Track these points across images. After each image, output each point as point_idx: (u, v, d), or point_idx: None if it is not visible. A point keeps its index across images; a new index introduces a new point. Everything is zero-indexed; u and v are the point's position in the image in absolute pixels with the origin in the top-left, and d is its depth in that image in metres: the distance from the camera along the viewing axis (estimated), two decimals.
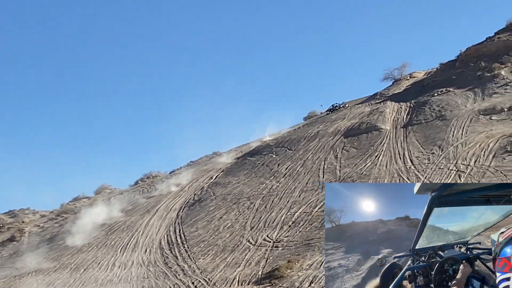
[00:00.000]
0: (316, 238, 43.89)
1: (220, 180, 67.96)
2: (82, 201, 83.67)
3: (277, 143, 72.71)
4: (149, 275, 48.60)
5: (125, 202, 73.96)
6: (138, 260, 52.32)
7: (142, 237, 57.89)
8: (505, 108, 56.49)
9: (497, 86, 63.55)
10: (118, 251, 55.94)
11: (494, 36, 75.38)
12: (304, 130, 75.52)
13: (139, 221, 62.74)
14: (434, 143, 54.68)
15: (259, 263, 43.67)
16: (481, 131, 53.25)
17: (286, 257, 42.65)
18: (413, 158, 53.22)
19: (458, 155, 49.99)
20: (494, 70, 67.07)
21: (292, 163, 63.48)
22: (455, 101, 63.36)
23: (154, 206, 66.51)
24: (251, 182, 62.68)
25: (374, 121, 66.42)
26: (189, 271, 46.71)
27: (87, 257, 56.66)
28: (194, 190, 67.86)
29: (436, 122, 59.80)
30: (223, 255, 47.45)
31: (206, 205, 60.79)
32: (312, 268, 39.71)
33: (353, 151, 60.86)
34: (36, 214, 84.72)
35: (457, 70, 73.32)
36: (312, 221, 47.49)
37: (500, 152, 47.66)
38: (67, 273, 54.06)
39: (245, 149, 79.87)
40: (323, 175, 57.03)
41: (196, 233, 54.19)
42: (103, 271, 52.23)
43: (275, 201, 54.80)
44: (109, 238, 60.56)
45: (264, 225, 50.47)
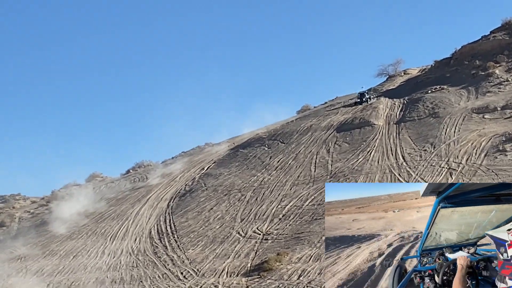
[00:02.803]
0: (306, 232, 43.98)
1: (212, 171, 67.90)
2: (73, 188, 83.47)
3: (269, 136, 72.64)
4: (138, 264, 48.62)
5: (116, 191, 73.87)
6: (128, 249, 52.32)
7: (132, 226, 57.84)
8: (498, 107, 56.60)
9: (491, 85, 63.66)
10: (107, 239, 55.89)
11: (490, 35, 75.42)
12: (297, 123, 75.46)
13: (130, 210, 62.67)
14: (426, 140, 54.77)
15: (249, 255, 43.76)
16: (473, 130, 53.36)
17: (275, 250, 42.75)
18: (405, 154, 53.31)
19: (450, 153, 50.10)
20: (489, 69, 67.15)
21: (284, 156, 63.49)
22: (448, 98, 63.44)
23: (145, 196, 66.42)
24: (243, 174, 62.67)
25: (367, 116, 66.46)
26: (178, 261, 46.75)
27: (76, 244, 56.60)
28: (186, 180, 67.79)
29: (429, 119, 59.88)
30: (213, 246, 47.50)
31: (197, 196, 60.77)
32: (301, 261, 39.83)
33: (345, 146, 60.90)
34: (27, 200, 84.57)
35: (452, 68, 73.34)
36: (302, 215, 47.56)
37: (492, 151, 47.79)
38: (56, 259, 54.02)
39: (238, 140, 79.76)
40: (314, 169, 57.06)
41: (186, 224, 54.20)
42: (92, 258, 52.23)
43: (266, 193, 54.83)
44: (99, 226, 60.49)
45: (255, 217, 50.52)
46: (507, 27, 73.93)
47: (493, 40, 73.39)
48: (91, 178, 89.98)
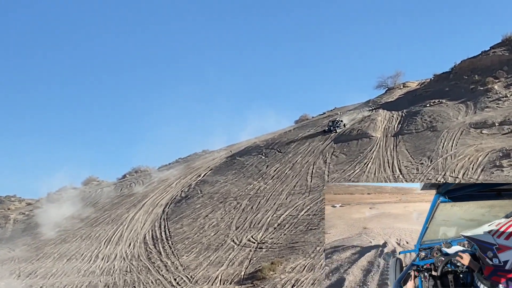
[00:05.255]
0: (300, 242, 43.91)
1: (208, 178, 67.89)
2: (69, 191, 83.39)
3: (267, 145, 72.71)
4: (131, 269, 48.52)
5: (112, 195, 73.81)
6: (122, 254, 52.23)
7: (127, 231, 57.76)
8: (496, 123, 56.64)
9: (490, 101, 63.76)
10: (102, 243, 55.80)
11: (489, 50, 75.62)
12: (295, 133, 75.58)
13: (125, 215, 62.61)
14: (423, 154, 54.80)
15: (242, 263, 43.68)
16: (471, 144, 53.39)
17: (269, 259, 42.66)
18: (402, 167, 53.32)
19: (447, 167, 50.11)
20: (488, 84, 67.27)
21: (281, 166, 63.51)
22: (447, 113, 63.52)
23: (141, 201, 66.39)
24: (239, 182, 62.65)
25: (365, 128, 66.54)
26: (172, 267, 46.66)
27: (70, 247, 56.49)
28: (182, 186, 67.76)
29: (426, 133, 59.94)
30: (207, 253, 47.43)
31: (193, 202, 60.72)
32: (295, 271, 39.75)
33: (342, 157, 60.93)
34: (22, 202, 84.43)
35: (451, 82, 73.49)
36: (297, 225, 47.51)
37: (488, 166, 47.80)
38: (49, 262, 53.90)
39: (235, 148, 79.81)
40: (311, 179, 57.05)
41: (181, 230, 54.13)
42: (86, 262, 52.10)
43: (262, 202, 54.80)
44: (93, 230, 60.41)
45: (250, 225, 50.47)
46: (507, 43, 74.12)
47: (492, 56, 73.55)
48: (87, 182, 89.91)
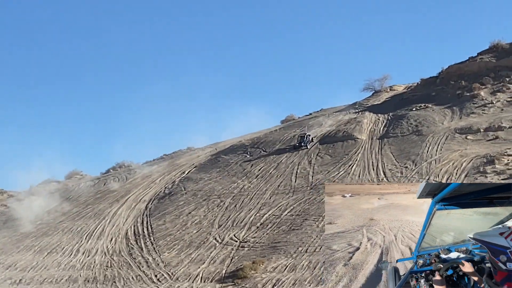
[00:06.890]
0: (283, 242, 43.86)
1: (192, 175, 67.68)
2: (51, 185, 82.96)
3: (252, 144, 72.61)
4: (112, 264, 48.31)
5: (95, 189, 73.43)
6: (103, 248, 51.98)
7: (109, 225, 57.47)
8: (481, 129, 56.84)
9: (475, 107, 64.01)
10: (83, 238, 55.47)
11: (477, 56, 75.92)
12: (281, 133, 75.55)
13: (107, 210, 62.28)
14: (408, 157, 54.91)
15: (224, 262, 43.59)
16: (455, 150, 53.54)
17: (251, 258, 42.60)
18: (386, 170, 53.40)
19: (431, 171, 50.22)
20: (474, 90, 67.52)
21: (265, 165, 63.43)
22: (432, 117, 63.69)
23: (124, 196, 66.06)
24: (223, 180, 62.51)
25: (350, 130, 66.60)
26: (153, 263, 46.49)
27: (51, 241, 56.12)
28: (165, 183, 67.52)
29: (412, 137, 60.08)
30: (189, 250, 47.29)
31: (176, 199, 60.52)
32: (276, 271, 39.70)
33: (327, 158, 60.95)
34: (4, 194, 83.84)
35: (437, 87, 73.70)
36: (280, 224, 47.46)
37: (472, 171, 47.93)
38: (30, 255, 53.52)
39: (220, 146, 79.67)
40: (295, 179, 57.01)
41: (163, 227, 53.94)
42: (67, 256, 51.80)
43: (245, 201, 54.71)
44: (75, 224, 60.03)
45: (232, 224, 50.37)
46: (495, 50, 74.45)
47: (480, 62, 73.85)
48: (70, 176, 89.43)
